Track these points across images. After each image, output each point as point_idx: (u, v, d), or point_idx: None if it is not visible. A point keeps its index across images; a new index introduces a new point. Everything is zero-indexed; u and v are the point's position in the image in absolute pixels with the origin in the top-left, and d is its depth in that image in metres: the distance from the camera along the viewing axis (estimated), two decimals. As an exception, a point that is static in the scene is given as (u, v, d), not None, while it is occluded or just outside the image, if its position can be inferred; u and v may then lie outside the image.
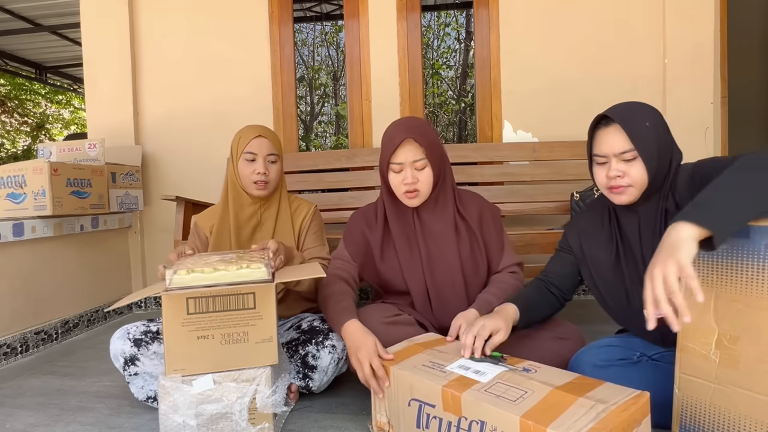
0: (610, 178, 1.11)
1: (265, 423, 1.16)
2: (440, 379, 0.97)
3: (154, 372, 1.39)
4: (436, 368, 1.03)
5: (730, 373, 0.91)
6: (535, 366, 1.02)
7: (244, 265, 1.16)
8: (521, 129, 2.62)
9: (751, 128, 3.70)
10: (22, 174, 2.11)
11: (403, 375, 1.04)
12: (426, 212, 1.42)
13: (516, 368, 1.01)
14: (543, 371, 0.99)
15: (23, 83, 9.09)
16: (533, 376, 0.96)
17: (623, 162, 1.09)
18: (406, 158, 1.32)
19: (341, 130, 3.19)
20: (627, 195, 1.10)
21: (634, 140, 1.07)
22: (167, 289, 1.12)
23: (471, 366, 1.03)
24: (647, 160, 1.07)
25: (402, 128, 1.35)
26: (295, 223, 1.61)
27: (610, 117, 1.11)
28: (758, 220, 0.88)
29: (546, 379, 0.94)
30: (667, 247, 0.84)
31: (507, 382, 0.94)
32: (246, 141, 1.52)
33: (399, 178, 1.34)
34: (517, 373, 0.98)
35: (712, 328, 0.94)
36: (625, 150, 1.08)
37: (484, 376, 0.97)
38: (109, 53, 2.79)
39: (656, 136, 1.08)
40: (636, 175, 1.08)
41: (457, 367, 1.03)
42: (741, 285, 0.89)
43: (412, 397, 1.02)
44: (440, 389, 0.95)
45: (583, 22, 2.56)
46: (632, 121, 1.09)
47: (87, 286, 2.44)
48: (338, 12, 2.96)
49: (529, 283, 1.36)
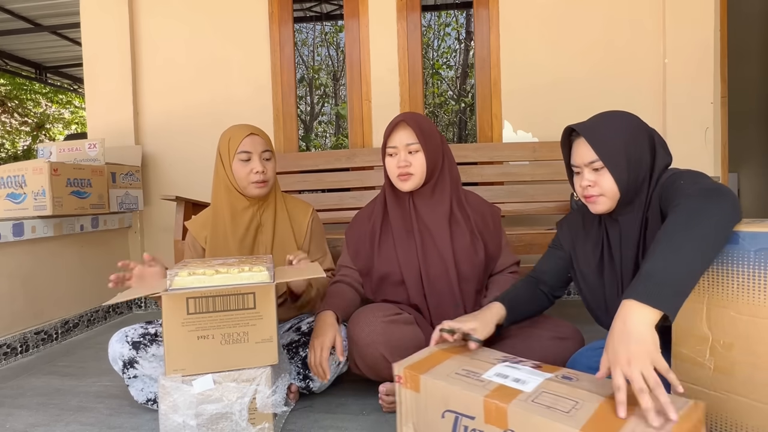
0: (582, 187, 1.12)
1: (265, 423, 1.16)
2: (480, 389, 0.90)
3: (153, 374, 1.39)
4: (472, 377, 0.95)
5: (725, 379, 0.90)
6: (573, 373, 0.94)
7: (246, 268, 1.16)
8: (521, 129, 2.62)
9: (751, 128, 3.70)
10: (22, 174, 2.11)
11: (436, 384, 0.96)
12: (421, 202, 1.45)
13: (556, 376, 0.92)
14: (584, 379, 0.91)
15: (23, 83, 9.09)
16: (577, 384, 0.88)
17: (593, 171, 1.10)
18: (400, 141, 1.39)
19: (341, 130, 3.19)
20: (600, 204, 1.11)
21: (599, 151, 1.07)
22: (167, 290, 1.13)
23: (509, 374, 0.95)
24: (614, 170, 1.07)
25: (400, 116, 1.43)
26: (294, 224, 1.59)
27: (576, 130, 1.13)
28: (749, 224, 0.88)
29: (592, 388, 0.86)
30: (634, 339, 0.79)
31: (553, 392, 0.86)
32: (238, 140, 1.47)
33: (393, 161, 1.41)
34: (559, 382, 0.90)
35: (705, 335, 0.93)
36: (592, 160, 1.08)
37: (526, 385, 0.89)
38: (109, 53, 2.79)
39: (624, 146, 1.07)
40: (606, 185, 1.08)
41: (494, 375, 0.95)
42: (732, 291, 0.89)
43: (446, 408, 0.94)
44: (482, 400, 0.87)
45: (583, 23, 2.56)
46: (597, 132, 1.09)
47: (87, 286, 2.44)
48: (338, 12, 2.96)
49: (519, 280, 1.37)
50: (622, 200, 1.09)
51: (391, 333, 1.30)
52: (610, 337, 0.83)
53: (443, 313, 1.40)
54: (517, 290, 1.31)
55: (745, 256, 0.86)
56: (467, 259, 1.43)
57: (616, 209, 1.12)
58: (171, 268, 1.17)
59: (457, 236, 1.44)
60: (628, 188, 1.08)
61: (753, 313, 0.86)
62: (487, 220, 1.49)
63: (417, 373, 1.00)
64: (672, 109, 2.47)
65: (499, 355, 1.06)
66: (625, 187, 1.08)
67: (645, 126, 1.13)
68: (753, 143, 3.71)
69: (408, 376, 1.01)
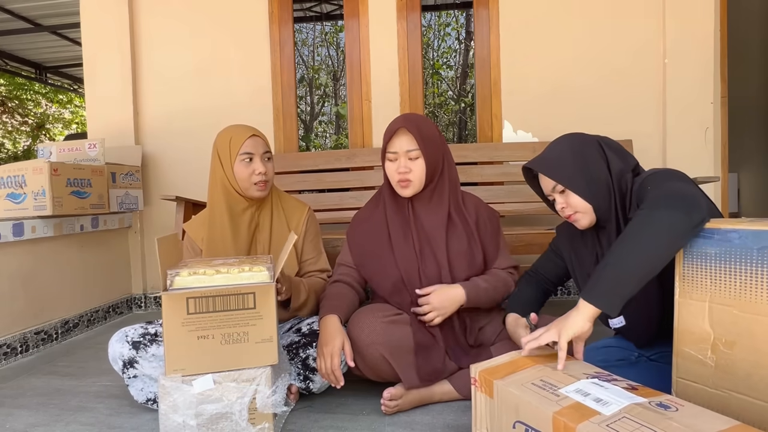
0: (559, 210, 1.21)
1: (265, 423, 1.16)
2: (551, 404, 0.84)
3: (153, 374, 1.38)
4: (548, 389, 0.89)
5: (727, 377, 0.90)
6: (676, 402, 0.82)
7: (246, 268, 1.15)
8: (521, 129, 2.62)
9: (751, 128, 3.70)
10: (22, 174, 2.11)
11: (508, 392, 0.92)
12: (420, 205, 1.45)
13: (650, 402, 0.82)
14: (686, 411, 0.79)
15: (23, 83, 9.09)
16: (672, 415, 0.77)
17: (561, 194, 1.18)
18: (401, 147, 1.38)
19: (341, 130, 3.19)
20: (581, 220, 1.18)
21: (554, 176, 1.16)
22: (167, 290, 1.12)
23: (591, 391, 0.86)
24: (574, 187, 1.14)
25: (400, 119, 1.41)
26: (291, 224, 1.58)
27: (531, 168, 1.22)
28: (751, 223, 0.88)
29: (691, 423, 0.74)
30: (567, 316, 1.00)
31: (637, 419, 0.76)
32: (240, 141, 1.47)
33: (393, 166, 1.40)
34: (650, 409, 0.79)
35: (707, 333, 0.93)
36: (553, 186, 1.17)
37: (606, 407, 0.80)
38: (109, 53, 2.79)
39: (574, 163, 1.15)
40: (574, 202, 1.15)
41: (573, 391, 0.87)
42: (734, 289, 0.89)
43: (517, 419, 0.90)
44: (551, 415, 0.81)
45: (583, 22, 2.55)
46: (546, 161, 1.18)
47: (87, 286, 2.44)
48: (338, 12, 2.96)
49: (521, 280, 1.44)
50: (599, 209, 1.15)
51: (391, 333, 1.30)
52: (563, 318, 1.02)
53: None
54: (528, 294, 1.40)
55: (748, 254, 0.87)
56: (464, 263, 1.42)
57: (599, 218, 1.17)
58: (171, 268, 1.17)
59: (455, 240, 1.43)
60: (597, 197, 1.14)
61: (755, 311, 0.86)
62: (485, 222, 1.48)
63: (492, 378, 0.97)
64: (672, 109, 2.47)
65: (592, 370, 0.98)
66: (593, 197, 1.14)
67: (589, 138, 1.20)
68: (753, 143, 3.71)
69: (483, 380, 0.99)
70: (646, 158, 2.45)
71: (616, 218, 1.15)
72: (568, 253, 1.33)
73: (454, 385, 1.36)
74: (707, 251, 0.93)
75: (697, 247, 0.95)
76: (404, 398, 1.32)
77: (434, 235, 1.43)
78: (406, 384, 1.31)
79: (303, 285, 1.48)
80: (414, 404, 1.35)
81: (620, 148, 1.19)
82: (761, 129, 3.69)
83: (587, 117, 2.55)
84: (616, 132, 2.52)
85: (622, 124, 2.52)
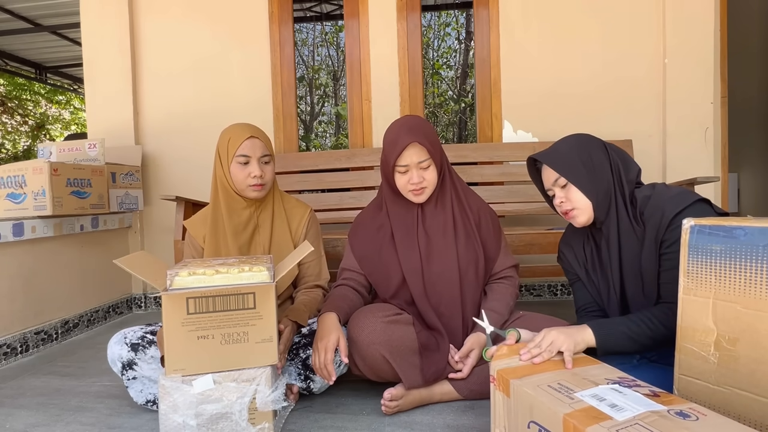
0: (557, 205, 1.21)
1: (265, 423, 1.16)
2: (564, 405, 0.83)
3: (153, 376, 1.38)
4: (563, 392, 0.88)
5: (730, 374, 0.90)
6: (698, 411, 0.79)
7: (246, 268, 1.15)
8: (521, 129, 2.62)
9: (751, 128, 3.70)
10: (22, 174, 2.11)
11: (523, 392, 0.92)
12: (428, 206, 1.45)
13: (669, 409, 0.79)
14: (708, 421, 0.75)
15: (23, 83, 9.09)
16: (689, 425, 0.74)
17: (561, 189, 1.19)
18: (412, 161, 1.36)
19: (341, 130, 3.19)
20: (578, 217, 1.19)
21: (558, 169, 1.17)
22: (167, 290, 1.12)
23: (608, 397, 0.84)
24: (577, 181, 1.16)
25: (404, 130, 1.37)
26: (291, 225, 1.58)
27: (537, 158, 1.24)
28: (757, 220, 0.88)
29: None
30: (574, 333, 1.06)
31: (650, 426, 0.73)
32: (237, 143, 1.45)
33: (405, 179, 1.39)
34: (667, 417, 0.76)
35: (710, 329, 0.93)
36: (556, 179, 1.19)
37: (620, 413, 0.78)
38: (109, 53, 2.79)
39: (579, 158, 1.17)
40: (575, 197, 1.17)
41: (589, 395, 0.85)
42: (739, 286, 0.89)
43: (531, 419, 0.90)
44: (561, 417, 0.80)
45: (583, 22, 2.56)
46: (553, 154, 1.20)
47: (87, 286, 2.44)
48: (338, 12, 2.96)
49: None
50: (598, 207, 1.16)
51: (391, 333, 1.30)
52: (563, 328, 1.07)
53: (444, 316, 1.41)
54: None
55: (753, 251, 0.87)
56: (469, 262, 1.43)
57: (596, 217, 1.18)
58: (171, 268, 1.17)
59: (460, 236, 1.44)
60: (597, 195, 1.15)
61: (759, 308, 0.86)
62: (486, 220, 1.49)
63: (509, 377, 0.97)
64: (672, 109, 2.47)
65: (615, 375, 0.96)
66: (594, 194, 1.15)
67: (597, 140, 1.22)
68: (753, 143, 3.71)
69: (501, 379, 1.00)
70: (646, 158, 2.46)
71: (616, 219, 1.16)
72: (576, 265, 1.33)
73: (453, 385, 1.37)
74: (713, 248, 0.93)
75: (702, 244, 0.95)
76: (404, 398, 1.33)
77: (444, 233, 1.43)
78: (406, 384, 1.31)
79: (304, 309, 1.47)
80: (414, 404, 1.35)
81: (625, 155, 1.21)
82: (761, 129, 3.68)
83: (587, 117, 2.55)
84: (616, 132, 2.53)
85: (622, 124, 2.53)
